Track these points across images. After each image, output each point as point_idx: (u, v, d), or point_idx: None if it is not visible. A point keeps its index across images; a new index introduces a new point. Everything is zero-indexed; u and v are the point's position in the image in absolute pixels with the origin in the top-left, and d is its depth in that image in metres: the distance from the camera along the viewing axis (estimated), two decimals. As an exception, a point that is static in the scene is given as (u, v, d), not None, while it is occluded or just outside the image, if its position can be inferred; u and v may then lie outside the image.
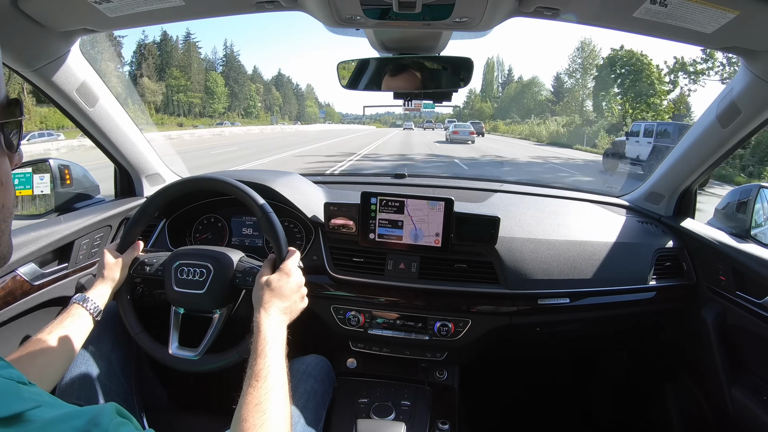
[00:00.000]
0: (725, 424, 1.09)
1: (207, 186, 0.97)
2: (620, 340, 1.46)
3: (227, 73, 56.87)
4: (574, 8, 0.82)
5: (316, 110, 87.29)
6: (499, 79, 72.51)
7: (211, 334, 0.89)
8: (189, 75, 48.98)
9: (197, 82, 50.13)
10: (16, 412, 0.31)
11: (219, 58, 57.53)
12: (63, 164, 1.21)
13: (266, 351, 0.66)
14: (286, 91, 76.34)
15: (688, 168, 1.19)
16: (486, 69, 73.48)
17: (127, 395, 0.90)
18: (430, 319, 1.10)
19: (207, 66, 54.97)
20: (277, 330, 0.71)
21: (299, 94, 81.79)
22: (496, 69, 73.40)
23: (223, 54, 57.58)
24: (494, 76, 72.93)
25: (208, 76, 52.44)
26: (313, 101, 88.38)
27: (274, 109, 70.33)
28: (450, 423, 1.05)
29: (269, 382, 0.62)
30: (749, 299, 1.00)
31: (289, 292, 0.79)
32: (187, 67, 49.31)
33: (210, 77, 52.48)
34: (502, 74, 72.58)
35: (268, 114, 65.74)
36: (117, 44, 40.63)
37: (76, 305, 0.79)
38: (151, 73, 45.98)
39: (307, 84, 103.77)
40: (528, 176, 11.31)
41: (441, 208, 1.05)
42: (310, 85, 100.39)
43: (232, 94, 56.07)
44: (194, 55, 50.59)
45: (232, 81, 56.72)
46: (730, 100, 0.98)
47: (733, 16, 0.72)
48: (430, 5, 0.78)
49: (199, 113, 49.82)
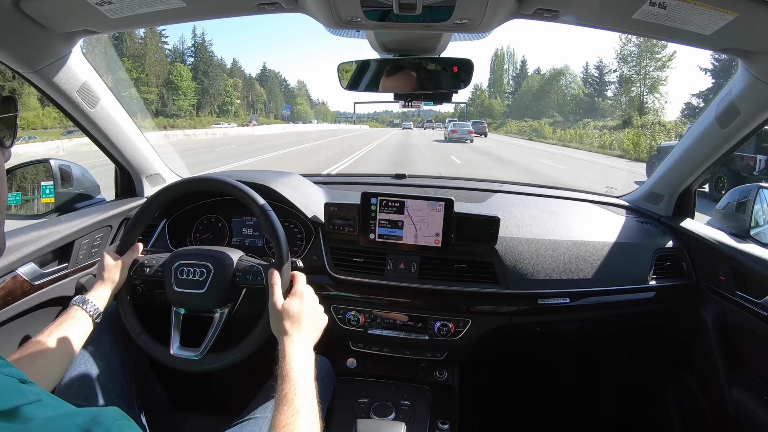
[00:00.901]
0: (725, 423, 1.09)
1: (207, 186, 0.97)
2: (620, 340, 1.46)
3: (196, 65, 49.45)
4: (574, 10, 0.82)
5: (307, 108, 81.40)
6: (511, 72, 63.25)
7: (213, 334, 0.89)
8: (143, 67, 41.83)
9: (155, 75, 42.86)
10: (16, 405, 0.31)
11: (187, 48, 49.55)
12: (63, 164, 1.22)
13: (291, 374, 0.68)
14: (272, 87, 69.20)
15: (688, 168, 1.20)
16: (494, 62, 64.79)
17: (126, 395, 0.90)
18: (430, 319, 1.10)
19: (173, 57, 47.77)
20: (301, 354, 0.73)
21: (288, 91, 76.12)
22: (506, 61, 63.72)
23: (192, 44, 49.07)
24: (504, 70, 63.87)
25: (172, 68, 45.12)
26: (304, 99, 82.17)
27: (258, 106, 63.17)
28: (450, 423, 1.05)
29: (295, 405, 0.63)
30: (749, 299, 1.00)
31: (309, 314, 0.80)
32: (142, 58, 41.96)
33: (174, 70, 45.17)
34: (514, 67, 62.86)
35: (249, 112, 59.20)
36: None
37: (76, 307, 0.79)
38: (94, 65, 38.95)
39: (298, 80, 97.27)
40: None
41: (441, 209, 1.05)
42: (301, 81, 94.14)
43: (202, 89, 49.04)
44: (152, 44, 43.09)
45: (201, 74, 49.52)
46: (729, 101, 0.99)
47: (732, 18, 0.72)
48: (431, 7, 0.79)
49: (156, 111, 42.49)
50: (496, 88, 64.13)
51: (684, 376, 1.28)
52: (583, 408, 1.61)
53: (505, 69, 63.82)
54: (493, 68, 65.54)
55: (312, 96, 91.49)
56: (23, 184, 1.18)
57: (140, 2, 0.80)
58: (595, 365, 1.61)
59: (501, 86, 63.43)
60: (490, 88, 66.02)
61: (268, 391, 0.88)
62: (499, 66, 63.96)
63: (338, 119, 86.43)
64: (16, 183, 1.16)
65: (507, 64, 63.42)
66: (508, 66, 63.53)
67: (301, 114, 76.50)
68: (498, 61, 64.46)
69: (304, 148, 17.18)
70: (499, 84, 63.39)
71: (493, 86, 64.93)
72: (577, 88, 46.60)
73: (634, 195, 1.44)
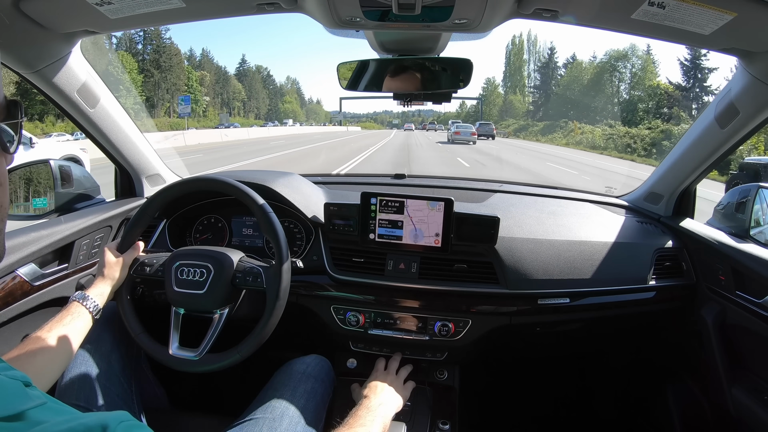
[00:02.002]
0: (725, 423, 1.09)
1: (207, 186, 0.97)
2: (620, 340, 1.46)
3: (145, 54, 41.78)
4: (573, 10, 0.82)
5: (296, 107, 73.67)
6: (533, 63, 51.26)
7: (212, 335, 0.89)
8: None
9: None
10: (23, 409, 0.31)
11: (134, 34, 41.98)
12: (63, 165, 1.22)
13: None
14: (253, 83, 61.53)
15: (687, 168, 1.20)
16: (510, 51, 52.63)
17: (126, 396, 0.90)
18: (431, 319, 1.10)
19: (118, 46, 40.35)
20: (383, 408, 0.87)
21: (272, 88, 68.15)
22: (525, 50, 51.59)
23: (141, 30, 37.43)
24: (523, 60, 51.86)
25: (111, 58, 36.14)
26: (293, 97, 74.84)
27: (235, 104, 55.71)
28: (450, 423, 1.05)
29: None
30: (749, 299, 1.00)
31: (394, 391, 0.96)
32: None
33: (114, 60, 36.84)
34: (538, 56, 50.61)
35: (224, 110, 51.99)
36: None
37: (76, 303, 0.79)
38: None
39: (287, 76, 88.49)
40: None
41: (441, 209, 1.05)
42: (290, 77, 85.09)
43: (153, 84, 41.15)
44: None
45: (151, 65, 41.38)
46: (728, 101, 0.99)
47: (731, 18, 0.72)
48: (430, 7, 0.79)
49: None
50: (513, 82, 53.20)
51: (684, 376, 1.27)
52: (583, 408, 1.61)
53: (525, 59, 52.09)
54: (508, 59, 53.93)
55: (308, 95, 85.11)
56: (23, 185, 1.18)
57: (140, 3, 0.80)
58: (595, 365, 1.61)
59: (520, 80, 52.13)
60: (506, 83, 54.59)
61: (268, 392, 0.88)
62: (517, 56, 52.42)
63: (333, 120, 79.37)
64: (16, 183, 1.16)
65: (527, 53, 51.73)
66: (529, 56, 51.83)
67: (288, 113, 70.17)
68: (515, 51, 52.96)
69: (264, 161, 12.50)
70: (517, 77, 52.22)
71: (510, 80, 53.89)
72: (654, 77, 32.45)
73: (633, 195, 1.44)
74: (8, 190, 0.46)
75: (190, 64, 48.57)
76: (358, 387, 1.01)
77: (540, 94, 49.88)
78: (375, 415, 0.82)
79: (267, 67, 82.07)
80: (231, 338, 0.90)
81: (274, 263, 0.90)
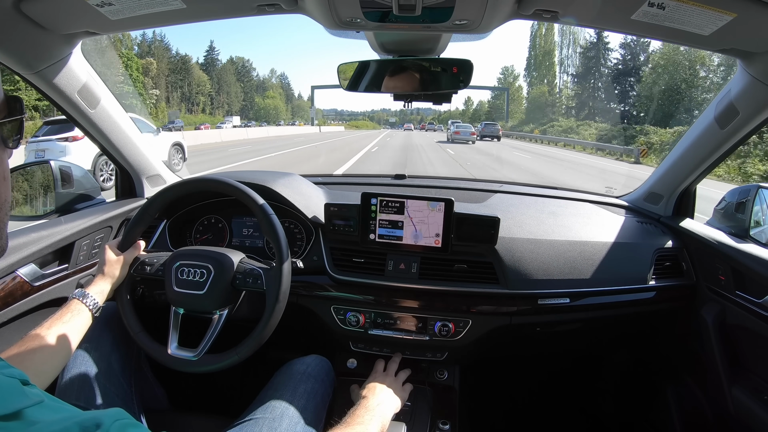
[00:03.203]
0: (726, 423, 1.09)
1: (208, 187, 0.97)
2: (620, 340, 1.46)
3: None
4: (573, 11, 0.82)
5: (280, 104, 61.99)
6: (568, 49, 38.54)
7: (211, 335, 0.89)
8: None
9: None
10: (20, 408, 0.32)
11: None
12: (64, 165, 1.22)
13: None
14: (224, 76, 51.83)
15: (687, 168, 1.20)
16: (535, 34, 41.24)
17: (126, 396, 0.90)
18: (431, 319, 1.10)
19: None
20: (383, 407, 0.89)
21: (250, 81, 57.88)
22: (557, 31, 40.09)
23: None
24: (554, 44, 40.20)
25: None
26: (277, 93, 64.16)
27: (199, 99, 46.55)
28: (450, 423, 1.05)
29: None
30: (749, 299, 1.00)
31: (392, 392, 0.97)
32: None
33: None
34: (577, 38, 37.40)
35: (174, 107, 43.30)
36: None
37: (76, 300, 0.79)
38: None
39: (271, 69, 72.77)
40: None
41: (441, 209, 1.06)
42: (274, 70, 70.49)
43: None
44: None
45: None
46: (728, 102, 0.99)
47: (731, 19, 0.73)
48: (430, 8, 0.79)
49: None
50: (539, 72, 42.07)
51: (684, 376, 1.27)
52: (583, 408, 1.61)
53: (556, 42, 40.21)
54: (533, 43, 42.77)
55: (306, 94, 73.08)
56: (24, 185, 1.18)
57: (140, 4, 0.80)
58: (595, 365, 1.61)
59: (550, 69, 40.60)
60: (531, 72, 43.25)
61: (268, 392, 0.88)
62: (546, 40, 40.65)
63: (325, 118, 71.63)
64: (16, 184, 1.16)
65: (559, 35, 39.84)
66: (561, 38, 39.87)
67: (269, 110, 59.70)
68: (540, 34, 41.06)
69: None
70: (545, 64, 40.97)
71: (536, 69, 42.53)
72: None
73: (633, 195, 1.44)
74: (9, 184, 0.46)
75: (138, 51, 39.46)
76: (356, 388, 1.01)
77: (583, 85, 37.52)
78: (373, 415, 0.82)
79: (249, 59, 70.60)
80: (230, 339, 0.90)
81: (274, 265, 0.90)
